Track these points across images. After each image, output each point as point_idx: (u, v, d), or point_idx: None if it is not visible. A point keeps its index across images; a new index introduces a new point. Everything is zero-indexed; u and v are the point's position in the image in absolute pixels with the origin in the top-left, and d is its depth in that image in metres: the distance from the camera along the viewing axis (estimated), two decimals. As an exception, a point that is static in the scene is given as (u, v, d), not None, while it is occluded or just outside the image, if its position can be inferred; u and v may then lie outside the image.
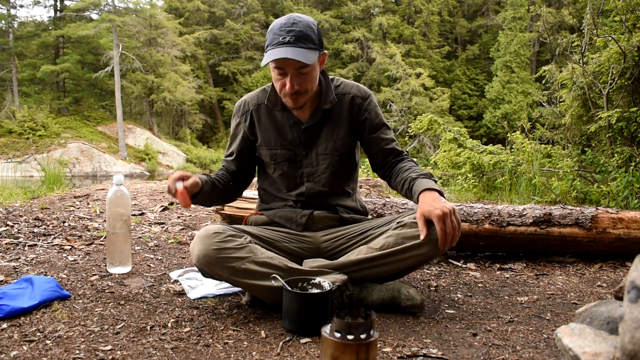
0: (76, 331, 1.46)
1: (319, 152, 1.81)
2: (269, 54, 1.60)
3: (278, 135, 1.81)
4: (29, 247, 2.35)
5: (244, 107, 1.88)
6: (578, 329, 0.97)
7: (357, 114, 1.81)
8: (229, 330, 1.51)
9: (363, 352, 1.17)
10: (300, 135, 1.79)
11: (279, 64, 1.61)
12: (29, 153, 20.97)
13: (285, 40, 1.58)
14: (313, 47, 1.62)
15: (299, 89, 1.64)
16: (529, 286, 2.12)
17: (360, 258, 1.69)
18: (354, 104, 1.81)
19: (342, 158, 1.82)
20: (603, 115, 4.85)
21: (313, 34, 1.63)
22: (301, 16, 1.66)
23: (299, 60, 1.57)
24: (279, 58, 1.58)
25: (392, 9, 33.83)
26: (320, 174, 1.82)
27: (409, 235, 1.67)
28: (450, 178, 6.75)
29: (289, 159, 1.82)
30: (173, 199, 1.68)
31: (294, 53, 1.57)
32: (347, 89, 1.82)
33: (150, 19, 26.45)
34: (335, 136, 1.80)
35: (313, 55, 1.62)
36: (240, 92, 31.34)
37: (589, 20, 5.54)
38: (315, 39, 1.64)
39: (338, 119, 1.80)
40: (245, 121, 1.86)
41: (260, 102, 1.84)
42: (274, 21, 1.68)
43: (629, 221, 2.48)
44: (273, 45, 1.60)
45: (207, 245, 1.55)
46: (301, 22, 1.63)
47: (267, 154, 1.84)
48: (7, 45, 24.47)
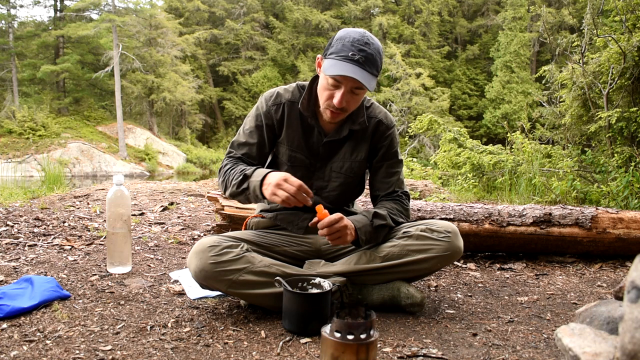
0: (76, 331, 1.46)
1: (334, 169, 1.79)
2: (337, 65, 1.55)
3: (302, 139, 1.76)
4: (29, 247, 2.35)
5: (277, 98, 1.77)
6: (578, 329, 0.97)
7: (378, 140, 1.79)
8: (229, 330, 1.51)
9: (363, 352, 1.17)
10: (320, 147, 1.76)
11: (341, 78, 1.56)
12: (29, 153, 20.96)
13: (355, 58, 1.54)
14: (376, 74, 1.59)
15: (346, 106, 1.61)
16: (529, 286, 2.12)
17: (362, 267, 1.69)
18: (378, 129, 1.78)
19: (354, 180, 1.81)
20: (603, 115, 4.85)
21: (380, 61, 1.60)
22: (373, 38, 1.61)
23: (364, 84, 1.53)
24: (348, 76, 1.53)
25: (392, 9, 33.82)
26: (330, 191, 1.80)
27: (414, 249, 1.67)
28: (450, 178, 6.74)
29: (305, 166, 1.78)
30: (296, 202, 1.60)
31: (362, 75, 1.53)
32: (375, 112, 1.80)
33: (150, 19, 26.43)
34: (354, 157, 1.78)
35: (374, 82, 1.58)
36: (240, 92, 31.35)
37: (589, 20, 5.54)
38: (380, 67, 1.61)
39: (360, 141, 1.78)
40: (276, 112, 1.76)
41: (294, 99, 1.76)
42: (344, 29, 1.63)
43: (629, 221, 2.48)
44: (341, 57, 1.55)
45: (203, 260, 1.54)
46: (373, 45, 1.58)
47: (285, 153, 1.78)
48: (7, 45, 24.45)
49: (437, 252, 1.66)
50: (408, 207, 1.81)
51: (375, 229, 1.67)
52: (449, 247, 1.67)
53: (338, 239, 1.57)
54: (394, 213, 1.74)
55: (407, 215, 1.81)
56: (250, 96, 30.66)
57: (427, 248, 1.67)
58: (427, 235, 1.68)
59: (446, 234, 1.68)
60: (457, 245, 1.68)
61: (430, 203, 2.68)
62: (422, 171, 7.42)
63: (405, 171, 7.69)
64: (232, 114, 30.78)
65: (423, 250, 1.67)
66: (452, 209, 2.53)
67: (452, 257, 1.70)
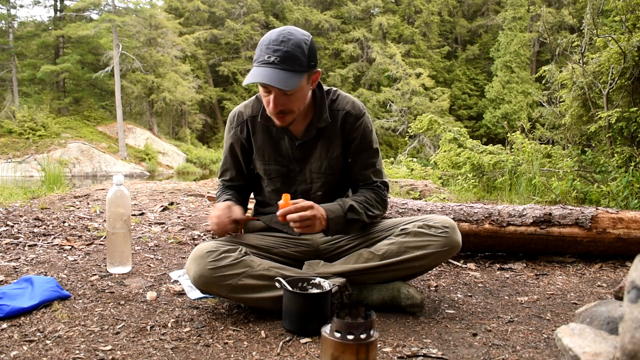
0: (76, 331, 1.46)
1: (313, 170, 1.77)
2: (252, 73, 1.53)
3: (272, 150, 1.76)
4: (29, 247, 2.35)
5: (239, 118, 1.79)
6: (578, 329, 0.97)
7: (349, 132, 1.75)
8: (229, 330, 1.51)
9: (363, 352, 1.17)
10: (294, 151, 1.75)
11: (261, 84, 1.55)
12: (29, 153, 20.96)
13: (270, 60, 1.50)
14: (299, 70, 1.52)
15: (283, 109, 1.57)
16: (529, 286, 2.12)
17: (361, 267, 1.69)
18: (346, 121, 1.74)
19: (336, 177, 1.80)
20: (603, 115, 4.85)
21: (302, 55, 1.52)
22: (293, 32, 1.55)
23: (277, 86, 1.49)
24: (259, 82, 1.52)
25: (392, 9, 33.82)
26: (314, 192, 1.79)
27: (412, 246, 1.67)
28: (450, 178, 6.74)
29: (282, 175, 1.78)
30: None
31: (275, 77, 1.49)
32: (341, 104, 1.75)
33: (150, 19, 26.43)
34: (330, 155, 1.75)
35: (297, 79, 1.52)
36: (240, 92, 31.35)
37: (589, 20, 5.54)
38: (304, 60, 1.53)
39: (332, 136, 1.74)
40: (241, 132, 1.78)
41: (255, 113, 1.76)
42: (268, 32, 1.60)
43: (629, 221, 2.48)
44: (258, 62, 1.53)
45: (202, 265, 1.53)
46: (291, 40, 1.52)
47: (261, 167, 1.79)
48: (7, 45, 24.45)
49: (435, 248, 1.66)
50: (386, 198, 1.80)
51: (347, 222, 1.67)
52: (447, 242, 1.67)
53: (307, 227, 1.56)
54: (371, 203, 1.73)
55: (384, 207, 1.79)
56: (250, 96, 30.42)
57: (426, 244, 1.67)
58: (424, 232, 1.68)
59: (444, 230, 1.68)
60: (455, 240, 1.68)
61: (430, 203, 2.68)
62: (422, 171, 7.43)
63: (405, 171, 7.69)
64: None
65: (421, 247, 1.66)
66: (452, 209, 2.54)
67: (450, 252, 1.70)
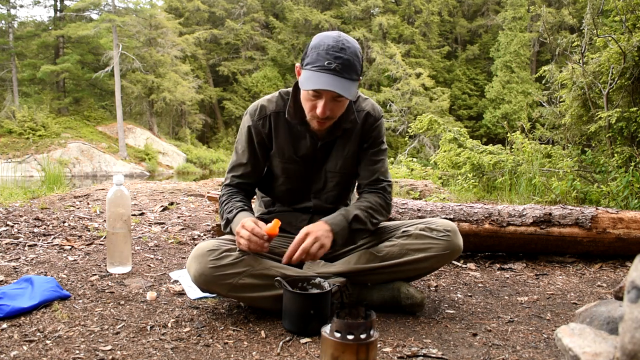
0: (76, 331, 1.46)
1: (328, 169, 1.77)
2: (313, 78, 1.50)
3: (293, 149, 1.74)
4: (29, 247, 2.35)
5: (261, 111, 1.74)
6: (578, 329, 0.97)
7: (367, 132, 1.76)
8: (229, 330, 1.51)
9: (363, 352, 1.17)
10: (315, 151, 1.74)
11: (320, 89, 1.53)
12: (29, 153, 20.96)
13: (331, 67, 1.48)
14: (356, 79, 1.54)
15: (331, 114, 1.57)
16: (529, 286, 2.12)
17: (361, 267, 1.69)
18: (366, 122, 1.75)
19: (350, 176, 1.80)
20: (603, 115, 4.85)
21: (358, 64, 1.54)
22: (349, 40, 1.54)
23: (344, 95, 1.49)
24: (323, 89, 1.49)
25: (392, 9, 33.81)
26: (328, 191, 1.79)
27: (413, 248, 1.67)
28: (450, 178, 6.74)
29: (300, 176, 1.77)
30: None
31: (339, 85, 1.48)
32: (362, 105, 1.76)
33: (150, 19, 26.43)
34: (347, 153, 1.75)
35: (354, 87, 1.54)
36: (240, 92, 31.35)
37: (589, 20, 5.54)
38: (359, 69, 1.55)
39: (351, 135, 1.75)
40: (263, 126, 1.73)
41: (279, 109, 1.72)
42: (319, 34, 1.57)
43: (629, 221, 2.48)
44: (317, 67, 1.50)
45: (203, 264, 1.53)
46: (350, 49, 1.52)
47: (279, 166, 1.76)
48: (7, 45, 24.45)
49: (436, 251, 1.66)
50: (390, 202, 1.80)
51: (352, 232, 1.66)
52: (448, 245, 1.67)
53: (318, 250, 1.55)
54: (375, 209, 1.72)
55: (388, 212, 1.79)
56: (250, 96, 30.65)
57: (427, 247, 1.67)
58: (426, 235, 1.68)
59: (445, 233, 1.68)
60: (457, 243, 1.68)
61: (430, 203, 2.68)
62: (422, 171, 7.42)
63: (405, 171, 7.69)
64: (232, 114, 30.77)
65: (422, 250, 1.67)
66: (452, 209, 2.54)
67: (451, 256, 1.70)
